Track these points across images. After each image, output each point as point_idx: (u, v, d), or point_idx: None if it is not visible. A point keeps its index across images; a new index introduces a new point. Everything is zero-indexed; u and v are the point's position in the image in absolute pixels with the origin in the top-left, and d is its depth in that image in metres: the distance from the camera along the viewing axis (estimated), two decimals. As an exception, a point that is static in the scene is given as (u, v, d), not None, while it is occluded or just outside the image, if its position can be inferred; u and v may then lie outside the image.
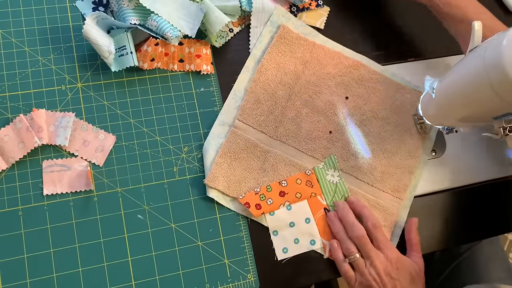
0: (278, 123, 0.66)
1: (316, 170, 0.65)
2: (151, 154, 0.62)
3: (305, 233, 0.62)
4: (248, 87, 0.67)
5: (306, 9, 0.73)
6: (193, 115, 0.65)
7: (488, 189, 0.70)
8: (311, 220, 0.63)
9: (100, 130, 0.61)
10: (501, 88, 0.47)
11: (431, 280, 0.82)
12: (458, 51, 0.66)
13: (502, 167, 0.71)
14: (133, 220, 0.59)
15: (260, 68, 0.68)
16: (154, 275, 0.58)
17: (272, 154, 0.64)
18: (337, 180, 0.65)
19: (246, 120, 0.65)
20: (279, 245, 0.62)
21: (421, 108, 0.65)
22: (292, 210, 0.63)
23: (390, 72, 0.72)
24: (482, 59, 0.49)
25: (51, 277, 0.55)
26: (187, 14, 0.65)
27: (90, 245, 0.57)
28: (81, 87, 0.63)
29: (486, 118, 0.54)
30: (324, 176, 0.65)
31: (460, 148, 0.71)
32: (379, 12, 0.77)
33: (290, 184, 0.64)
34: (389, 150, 0.68)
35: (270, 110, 0.66)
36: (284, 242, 0.62)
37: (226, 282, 0.59)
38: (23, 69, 0.62)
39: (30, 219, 0.57)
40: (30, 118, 0.59)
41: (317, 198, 0.64)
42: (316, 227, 0.63)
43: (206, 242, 0.60)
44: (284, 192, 0.63)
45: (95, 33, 0.60)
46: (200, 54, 0.67)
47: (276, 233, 0.62)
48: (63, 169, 0.59)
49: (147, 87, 0.65)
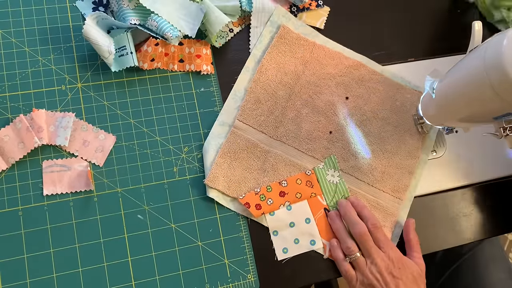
0: (278, 123, 0.66)
1: (316, 170, 0.65)
2: (151, 154, 0.62)
3: (305, 233, 0.62)
4: (248, 87, 0.67)
5: (306, 9, 0.73)
6: (193, 115, 0.65)
7: (488, 189, 0.70)
8: (311, 220, 0.63)
9: (100, 130, 0.61)
10: (501, 88, 0.47)
11: (432, 281, 0.82)
12: (458, 51, 0.66)
13: (502, 167, 0.71)
14: (133, 220, 0.59)
15: (260, 68, 0.68)
16: (154, 275, 0.58)
17: (272, 154, 0.64)
18: (337, 180, 0.65)
19: (246, 120, 0.65)
20: (279, 245, 0.62)
21: (421, 108, 0.65)
22: (292, 210, 0.63)
23: (390, 72, 0.72)
24: (482, 59, 0.49)
25: (51, 277, 0.55)
26: (187, 14, 0.65)
27: (90, 245, 0.57)
28: (81, 87, 0.63)
29: (486, 118, 0.54)
30: (324, 176, 0.65)
31: (460, 148, 0.71)
32: (379, 12, 0.77)
33: (290, 184, 0.64)
34: (389, 150, 0.68)
35: (270, 110, 0.66)
36: (284, 242, 0.62)
37: (226, 282, 0.59)
38: (23, 69, 0.62)
39: (30, 219, 0.57)
40: (30, 118, 0.59)
41: (317, 198, 0.64)
42: (316, 227, 0.63)
43: (206, 242, 0.60)
44: (284, 192, 0.63)
45: (95, 33, 0.60)
46: (200, 54, 0.67)
47: (276, 233, 0.62)
48: (63, 169, 0.59)
49: (147, 87, 0.65)
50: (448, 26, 0.77)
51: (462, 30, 0.71)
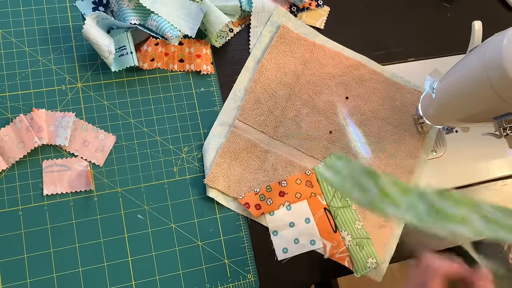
0: (278, 123, 0.66)
1: (316, 170, 0.65)
2: (151, 154, 0.62)
3: (305, 233, 0.62)
4: (248, 87, 0.67)
5: (306, 9, 0.73)
6: (193, 115, 0.65)
7: (488, 189, 0.70)
8: (311, 220, 0.63)
9: (100, 130, 0.61)
10: (501, 88, 0.47)
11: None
12: (458, 51, 0.66)
13: (502, 166, 0.71)
14: (133, 220, 0.59)
15: (260, 68, 0.68)
16: (154, 275, 0.58)
17: (272, 154, 0.64)
18: None
19: (246, 120, 0.65)
20: (279, 245, 0.62)
21: (421, 108, 0.65)
22: (292, 210, 0.63)
23: (390, 72, 0.72)
24: (482, 59, 0.49)
25: (51, 277, 0.55)
26: (187, 14, 0.65)
27: (90, 245, 0.57)
28: (81, 87, 0.63)
29: (486, 118, 0.54)
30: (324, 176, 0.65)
31: (460, 148, 0.71)
32: (379, 12, 0.77)
33: (290, 184, 0.64)
34: (389, 150, 0.68)
35: (270, 110, 0.66)
36: (284, 242, 0.62)
37: (226, 282, 0.59)
38: (23, 69, 0.62)
39: (30, 219, 0.57)
40: (30, 118, 0.59)
41: (317, 198, 0.64)
42: (316, 227, 0.63)
43: (206, 242, 0.60)
44: (284, 192, 0.63)
45: (95, 33, 0.60)
46: (200, 54, 0.67)
47: (276, 233, 0.62)
48: (63, 169, 0.59)
49: (147, 87, 0.65)
50: (448, 26, 0.77)
51: (462, 30, 0.71)
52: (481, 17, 0.58)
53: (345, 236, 0.63)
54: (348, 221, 0.63)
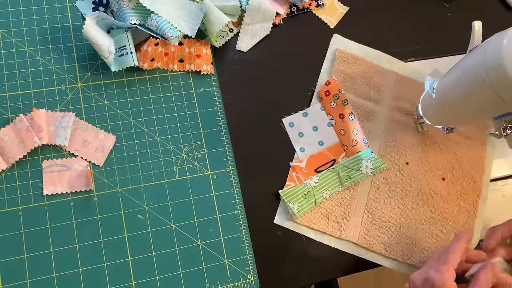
0: None
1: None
2: (151, 154, 0.62)
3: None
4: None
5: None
6: (193, 115, 0.65)
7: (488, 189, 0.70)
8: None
9: (100, 130, 0.61)
10: (501, 88, 0.47)
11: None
12: (458, 51, 0.66)
13: (502, 166, 0.71)
14: (133, 220, 0.59)
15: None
16: (154, 275, 0.58)
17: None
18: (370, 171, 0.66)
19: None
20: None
21: (421, 108, 0.65)
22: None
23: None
24: (482, 59, 0.49)
25: (51, 277, 0.55)
26: (187, 14, 0.65)
27: (90, 245, 0.57)
28: (81, 87, 0.63)
29: (486, 118, 0.54)
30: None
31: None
32: (379, 12, 0.77)
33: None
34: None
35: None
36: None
37: (226, 282, 0.59)
38: (23, 69, 0.62)
39: (30, 219, 0.57)
40: (30, 118, 0.59)
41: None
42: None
43: (206, 242, 0.60)
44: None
45: (95, 33, 0.60)
46: (200, 54, 0.67)
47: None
48: (63, 169, 0.59)
49: (147, 87, 0.65)
50: (448, 26, 0.77)
51: (462, 30, 0.71)
52: (481, 17, 0.58)
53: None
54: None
